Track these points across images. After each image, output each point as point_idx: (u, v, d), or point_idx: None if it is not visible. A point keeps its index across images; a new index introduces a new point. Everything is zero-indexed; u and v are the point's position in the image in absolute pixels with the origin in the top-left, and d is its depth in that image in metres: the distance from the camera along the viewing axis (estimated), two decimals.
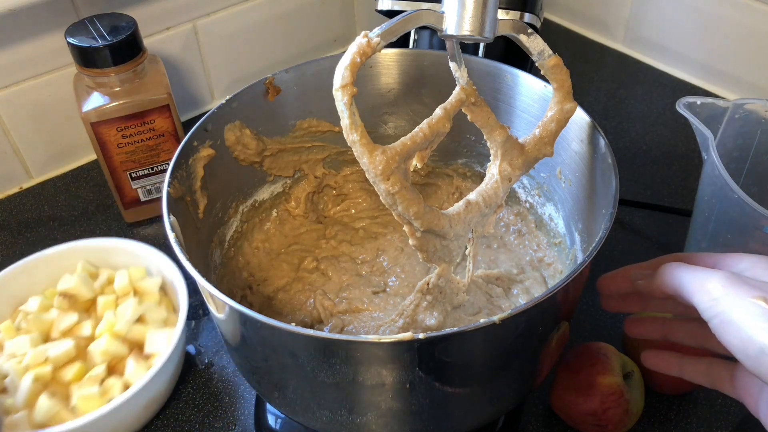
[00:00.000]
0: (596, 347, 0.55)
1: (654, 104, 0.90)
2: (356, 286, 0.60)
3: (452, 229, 0.47)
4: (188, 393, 0.61)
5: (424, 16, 0.44)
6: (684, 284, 0.40)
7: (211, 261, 0.56)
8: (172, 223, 0.46)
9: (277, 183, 0.63)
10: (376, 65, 0.60)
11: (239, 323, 0.44)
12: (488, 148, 0.50)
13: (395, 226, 0.65)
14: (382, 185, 0.44)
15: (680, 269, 0.41)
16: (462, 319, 0.55)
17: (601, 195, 0.49)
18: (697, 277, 0.40)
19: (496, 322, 0.38)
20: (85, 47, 0.66)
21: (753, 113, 0.58)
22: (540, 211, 0.61)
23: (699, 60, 0.92)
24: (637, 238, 0.72)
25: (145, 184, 0.75)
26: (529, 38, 0.47)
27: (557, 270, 0.59)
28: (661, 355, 0.50)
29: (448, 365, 0.41)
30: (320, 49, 1.00)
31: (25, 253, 0.63)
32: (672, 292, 0.42)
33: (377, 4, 0.73)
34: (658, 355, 0.50)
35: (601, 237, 0.42)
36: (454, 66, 0.47)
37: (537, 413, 0.58)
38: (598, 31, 1.02)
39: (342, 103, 0.42)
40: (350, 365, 0.41)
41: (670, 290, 0.42)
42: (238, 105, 0.56)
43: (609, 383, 0.52)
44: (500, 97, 0.58)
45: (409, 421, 0.45)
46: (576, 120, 0.52)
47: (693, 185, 0.60)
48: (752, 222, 0.52)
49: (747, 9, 0.83)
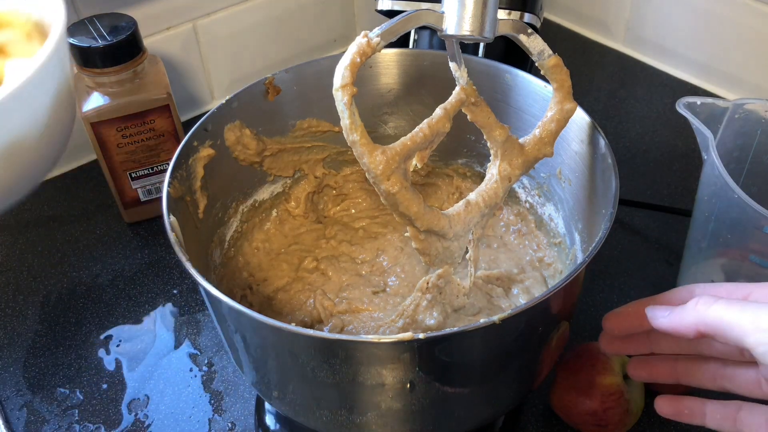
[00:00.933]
0: (596, 347, 0.55)
1: (654, 104, 0.90)
2: (356, 286, 0.60)
3: (452, 229, 0.47)
4: (188, 393, 0.61)
5: (424, 16, 0.44)
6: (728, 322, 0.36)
7: (211, 261, 0.56)
8: (172, 223, 0.46)
9: (277, 183, 0.63)
10: (376, 65, 0.60)
11: (239, 323, 0.44)
12: (488, 148, 0.50)
13: (395, 226, 0.65)
14: (382, 185, 0.44)
15: (718, 305, 0.37)
16: (462, 319, 0.55)
17: (601, 195, 0.49)
18: (747, 314, 0.35)
19: (496, 322, 0.38)
20: (85, 47, 0.66)
21: (753, 113, 0.58)
22: (540, 211, 0.61)
23: (699, 60, 0.92)
24: (637, 238, 0.73)
25: (145, 184, 0.75)
26: (529, 38, 0.47)
27: (557, 270, 0.59)
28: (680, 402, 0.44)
29: (448, 365, 0.41)
30: (320, 49, 1.00)
31: (26, 252, 0.63)
32: (710, 331, 0.37)
33: (377, 4, 0.73)
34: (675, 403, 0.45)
35: (601, 237, 0.42)
36: (454, 66, 0.47)
37: (537, 413, 0.58)
38: (598, 31, 1.02)
39: (342, 103, 0.42)
40: (350, 365, 0.41)
41: (707, 330, 0.37)
42: (238, 105, 0.56)
43: (609, 383, 0.52)
44: (500, 97, 0.57)
45: (409, 421, 0.45)
46: (576, 120, 0.52)
47: (693, 185, 0.60)
48: (752, 222, 0.52)
49: (747, 9, 0.83)
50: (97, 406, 0.60)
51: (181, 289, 0.70)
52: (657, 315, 0.40)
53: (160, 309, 0.68)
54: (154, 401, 0.60)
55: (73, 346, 0.65)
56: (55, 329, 0.67)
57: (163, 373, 0.62)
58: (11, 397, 0.61)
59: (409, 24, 0.44)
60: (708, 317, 0.37)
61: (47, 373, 0.63)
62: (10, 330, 0.67)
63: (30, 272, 0.72)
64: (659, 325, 0.40)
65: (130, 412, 0.60)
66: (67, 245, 0.75)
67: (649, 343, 0.45)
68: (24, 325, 0.67)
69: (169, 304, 0.69)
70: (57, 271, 0.72)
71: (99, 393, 0.61)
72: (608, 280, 0.68)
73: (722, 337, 0.37)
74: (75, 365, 0.63)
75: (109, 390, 0.61)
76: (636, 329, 0.44)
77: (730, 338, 0.36)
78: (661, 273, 0.68)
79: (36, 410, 0.60)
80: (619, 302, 0.65)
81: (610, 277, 0.68)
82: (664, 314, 0.40)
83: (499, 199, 0.49)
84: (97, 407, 0.60)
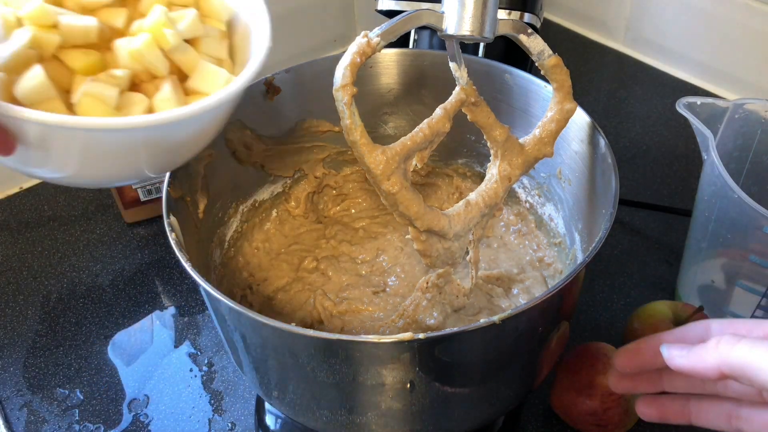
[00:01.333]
0: (596, 347, 0.55)
1: (654, 104, 0.90)
2: (356, 286, 0.60)
3: (452, 229, 0.48)
4: (188, 393, 0.61)
5: (424, 16, 0.44)
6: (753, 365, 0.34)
7: (211, 261, 0.56)
8: (172, 223, 0.46)
9: (277, 183, 0.63)
10: (376, 65, 0.60)
11: (239, 323, 0.44)
12: (488, 148, 0.50)
13: (395, 226, 0.65)
14: (382, 185, 0.44)
15: (742, 346, 0.35)
16: (462, 319, 0.55)
17: (601, 195, 0.49)
18: None
19: (496, 322, 0.38)
20: None
21: (753, 113, 0.58)
22: (540, 211, 0.61)
23: (699, 60, 0.92)
24: (637, 238, 0.73)
25: (145, 184, 0.75)
26: (529, 38, 0.47)
27: (557, 270, 0.59)
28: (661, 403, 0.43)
29: (448, 365, 0.41)
30: (320, 49, 1.00)
31: (26, 252, 0.63)
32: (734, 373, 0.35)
33: (377, 4, 0.73)
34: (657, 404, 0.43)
35: (601, 237, 0.42)
36: (454, 66, 0.47)
37: (537, 413, 0.58)
38: (598, 31, 1.02)
39: (342, 103, 0.42)
40: (350, 365, 0.41)
41: (731, 371, 0.35)
42: (238, 105, 0.56)
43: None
44: (500, 97, 0.57)
45: (409, 421, 0.45)
46: (576, 120, 0.52)
47: (693, 185, 0.60)
48: (752, 222, 0.52)
49: (747, 9, 0.83)
50: (97, 406, 0.60)
51: (181, 289, 0.70)
52: (674, 354, 0.38)
53: (160, 309, 0.68)
54: (154, 401, 0.60)
55: (73, 346, 0.65)
56: (55, 329, 0.67)
57: (163, 373, 0.62)
58: (11, 397, 0.61)
59: (409, 24, 0.44)
60: (731, 358, 0.35)
61: (47, 373, 0.63)
62: (10, 330, 0.67)
63: (30, 272, 0.72)
64: (677, 365, 0.38)
65: (130, 412, 0.60)
66: (67, 245, 0.75)
67: (661, 381, 0.43)
68: (24, 325, 0.67)
69: (169, 304, 0.69)
70: (57, 271, 0.72)
71: (99, 393, 0.61)
72: (608, 280, 0.68)
73: (747, 380, 0.35)
74: (75, 365, 0.63)
75: (109, 390, 0.61)
76: (648, 367, 0.42)
77: (757, 381, 0.34)
78: (661, 273, 0.68)
79: (36, 410, 0.60)
80: (619, 302, 0.66)
81: (610, 277, 0.68)
82: (681, 353, 0.38)
83: (499, 199, 0.49)
84: (97, 407, 0.60)
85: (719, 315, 0.59)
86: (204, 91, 0.42)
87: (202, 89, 0.42)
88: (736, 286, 0.57)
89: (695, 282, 0.62)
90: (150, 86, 0.41)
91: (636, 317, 0.58)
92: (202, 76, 0.42)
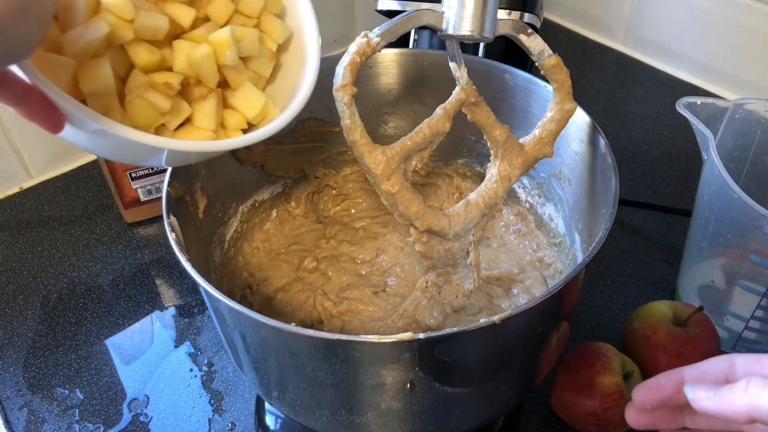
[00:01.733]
0: (596, 347, 0.55)
1: (654, 104, 0.90)
2: (356, 286, 0.60)
3: (452, 229, 0.48)
4: (188, 393, 0.61)
5: (424, 16, 0.44)
6: None
7: (211, 261, 0.56)
8: (172, 223, 0.46)
9: (277, 183, 0.63)
10: (376, 65, 0.60)
11: (239, 323, 0.44)
12: (488, 148, 0.50)
13: (395, 226, 0.65)
14: (382, 185, 0.44)
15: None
16: (462, 319, 0.55)
17: (601, 195, 0.49)
18: None
19: (496, 322, 0.38)
20: None
21: (753, 113, 0.58)
22: (540, 211, 0.61)
23: (699, 60, 0.92)
24: (637, 238, 0.73)
25: (145, 184, 0.75)
26: (529, 38, 0.47)
27: (557, 270, 0.59)
28: None
29: (448, 365, 0.41)
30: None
31: (26, 252, 0.63)
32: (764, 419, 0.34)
33: (377, 4, 0.73)
34: None
35: (601, 237, 0.42)
36: (454, 66, 0.47)
37: (537, 413, 0.58)
38: (598, 31, 1.02)
39: (342, 103, 0.42)
40: (350, 365, 0.41)
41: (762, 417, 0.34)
42: None
43: (609, 383, 0.52)
44: (500, 97, 0.57)
45: (409, 421, 0.45)
46: (576, 120, 0.52)
47: (693, 185, 0.60)
48: (752, 222, 0.52)
49: (747, 9, 0.83)
50: (97, 406, 0.60)
51: (181, 289, 0.70)
52: (700, 396, 0.36)
53: (160, 309, 0.68)
54: (154, 401, 0.60)
55: (73, 346, 0.65)
56: (55, 329, 0.67)
57: (163, 373, 0.62)
58: (11, 397, 0.61)
59: (409, 24, 0.44)
60: (762, 404, 0.33)
61: (47, 373, 0.63)
62: (10, 330, 0.67)
63: (30, 272, 0.72)
64: (704, 408, 0.36)
65: (129, 412, 0.60)
66: (67, 245, 0.75)
67: (682, 418, 0.41)
68: (24, 325, 0.67)
69: (169, 304, 0.69)
70: (57, 271, 0.72)
71: (99, 393, 0.61)
72: (608, 280, 0.68)
73: None
74: (75, 365, 0.63)
75: (109, 390, 0.61)
76: (669, 403, 0.40)
77: None
78: (661, 273, 0.68)
79: (36, 410, 0.60)
80: (619, 302, 0.66)
81: (610, 277, 0.68)
82: (708, 395, 0.36)
83: (499, 199, 0.49)
84: (97, 407, 0.60)
85: (719, 315, 0.59)
86: (241, 110, 0.44)
87: (240, 109, 0.44)
88: (736, 286, 0.57)
89: (695, 282, 0.62)
90: (194, 90, 0.42)
91: (636, 317, 0.58)
92: (243, 96, 0.44)
